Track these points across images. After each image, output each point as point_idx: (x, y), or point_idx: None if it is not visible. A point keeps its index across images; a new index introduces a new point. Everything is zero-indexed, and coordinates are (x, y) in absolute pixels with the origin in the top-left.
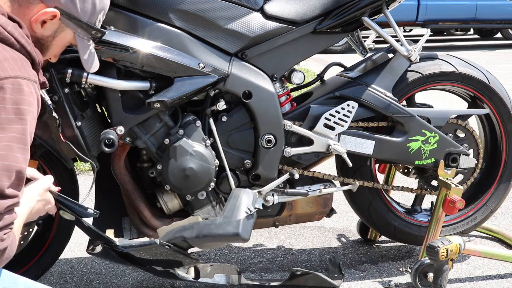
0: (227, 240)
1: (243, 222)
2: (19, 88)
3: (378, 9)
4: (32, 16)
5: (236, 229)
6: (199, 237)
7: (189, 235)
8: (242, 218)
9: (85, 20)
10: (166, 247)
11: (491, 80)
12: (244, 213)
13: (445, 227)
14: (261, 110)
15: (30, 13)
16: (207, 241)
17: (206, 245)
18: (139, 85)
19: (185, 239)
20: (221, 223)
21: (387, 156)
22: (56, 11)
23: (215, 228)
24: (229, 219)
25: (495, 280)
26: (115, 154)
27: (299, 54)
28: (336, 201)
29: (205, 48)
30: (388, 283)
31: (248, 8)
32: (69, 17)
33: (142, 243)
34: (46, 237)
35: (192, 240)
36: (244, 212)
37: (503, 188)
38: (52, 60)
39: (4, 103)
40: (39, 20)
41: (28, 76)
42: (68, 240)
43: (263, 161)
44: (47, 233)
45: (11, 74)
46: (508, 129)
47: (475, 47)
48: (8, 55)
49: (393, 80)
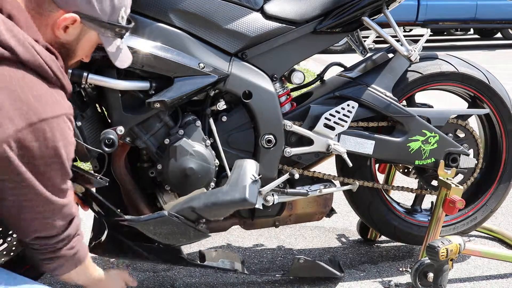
0: (235, 205)
1: (249, 188)
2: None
3: (378, 9)
4: (53, 23)
5: (243, 194)
6: (207, 205)
7: (197, 204)
8: (248, 184)
9: (106, 19)
10: (175, 218)
11: (491, 80)
12: (249, 179)
13: (445, 227)
14: (261, 110)
15: (51, 21)
16: (215, 209)
17: (215, 213)
18: (139, 85)
19: (193, 209)
20: (228, 190)
21: (387, 156)
22: (75, 15)
23: (222, 195)
24: (235, 186)
25: (495, 280)
26: (115, 154)
27: (299, 54)
28: (336, 201)
29: (205, 48)
30: (388, 283)
31: (248, 8)
32: (90, 19)
33: (151, 216)
34: None
35: (201, 209)
36: (249, 178)
37: (503, 188)
38: (85, 60)
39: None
40: (61, 26)
41: (64, 111)
42: None
43: (263, 161)
44: None
45: (50, 114)
46: (508, 129)
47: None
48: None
49: (393, 80)
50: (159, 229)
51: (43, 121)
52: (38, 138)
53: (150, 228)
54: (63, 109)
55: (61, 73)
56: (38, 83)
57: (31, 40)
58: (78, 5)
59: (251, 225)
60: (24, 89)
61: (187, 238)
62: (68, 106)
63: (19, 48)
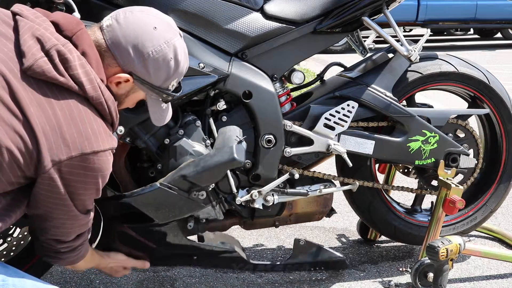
0: (225, 166)
1: (236, 147)
2: (105, 159)
3: (378, 9)
4: (109, 76)
5: (231, 154)
6: (198, 171)
7: (187, 172)
8: (234, 144)
9: (158, 85)
10: (167, 189)
11: (491, 80)
12: (234, 141)
13: (445, 227)
14: (261, 110)
15: (107, 73)
16: (206, 174)
17: (206, 178)
18: None
19: (184, 177)
20: (215, 153)
21: (387, 156)
22: (128, 77)
23: (211, 159)
24: (221, 149)
25: (495, 280)
26: (115, 154)
27: (299, 54)
28: (336, 201)
29: (205, 48)
30: (388, 283)
31: (248, 8)
32: (142, 82)
33: (143, 189)
34: None
35: (192, 176)
36: (234, 140)
37: (503, 188)
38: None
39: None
40: (114, 81)
41: (112, 146)
42: None
43: (263, 161)
44: None
45: (102, 148)
46: (508, 129)
47: (475, 47)
48: (102, 127)
49: (393, 80)
50: (153, 203)
51: (94, 153)
52: (86, 167)
53: (143, 202)
54: (111, 144)
55: (115, 114)
56: (97, 119)
57: (99, 80)
58: (135, 68)
59: (251, 225)
60: (84, 121)
61: (181, 210)
62: (115, 142)
63: (88, 86)
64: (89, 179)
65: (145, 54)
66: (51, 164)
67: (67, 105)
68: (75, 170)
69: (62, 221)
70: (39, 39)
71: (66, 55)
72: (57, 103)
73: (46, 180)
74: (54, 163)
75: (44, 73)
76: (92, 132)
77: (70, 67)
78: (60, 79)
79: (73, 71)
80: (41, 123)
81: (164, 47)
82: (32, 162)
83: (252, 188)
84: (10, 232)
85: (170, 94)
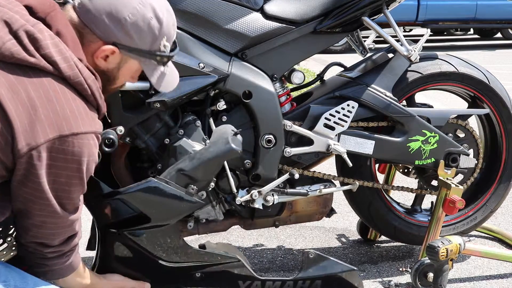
0: (223, 157)
1: (231, 138)
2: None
3: (378, 9)
4: (93, 52)
5: (228, 145)
6: (195, 165)
7: (184, 166)
8: (229, 136)
9: (147, 48)
10: (164, 183)
11: (491, 80)
12: (229, 133)
13: (445, 227)
14: (261, 110)
15: (91, 50)
16: (204, 166)
17: (204, 170)
18: (139, 85)
19: (182, 171)
20: (212, 146)
21: (387, 156)
22: (113, 47)
23: (207, 152)
24: (217, 141)
25: (495, 280)
26: (115, 154)
27: (299, 54)
28: (336, 201)
29: (205, 48)
30: (388, 283)
31: (248, 8)
32: (129, 49)
33: (138, 184)
34: None
35: (189, 170)
36: (229, 133)
37: (503, 188)
38: (132, 81)
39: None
40: (100, 56)
41: (95, 129)
42: None
43: (263, 161)
44: None
45: (82, 130)
46: (508, 129)
47: (475, 47)
48: (82, 108)
49: (393, 80)
50: (149, 199)
51: (73, 135)
52: (65, 151)
53: (140, 199)
54: (94, 127)
55: (98, 94)
56: (76, 99)
57: (75, 58)
58: (117, 36)
59: (251, 225)
60: (61, 102)
61: (179, 208)
62: (99, 125)
63: (63, 65)
64: (70, 164)
65: (121, 19)
66: (26, 148)
67: (42, 86)
68: (53, 154)
69: (42, 218)
70: (6, 22)
71: (35, 35)
72: (31, 85)
73: (23, 165)
74: (30, 147)
75: (13, 55)
76: (70, 113)
77: (41, 46)
78: (31, 60)
79: (45, 50)
80: (14, 106)
81: (140, 7)
82: (8, 148)
83: (252, 188)
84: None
85: (164, 56)
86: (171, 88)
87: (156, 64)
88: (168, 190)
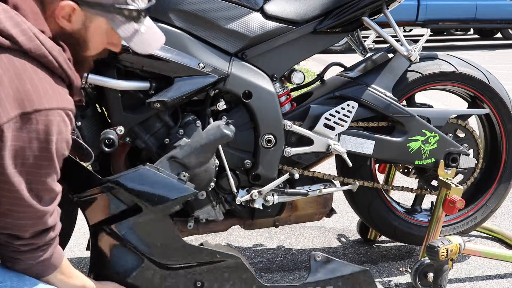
0: (216, 142)
1: (224, 126)
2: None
3: (378, 9)
4: (55, 14)
5: (219, 130)
6: (186, 152)
7: (177, 153)
8: (221, 123)
9: (110, 2)
10: (155, 170)
11: (491, 80)
12: (221, 122)
13: (445, 227)
14: (261, 110)
15: (53, 12)
16: (198, 153)
17: (196, 158)
18: (139, 85)
19: (173, 158)
20: (204, 133)
21: (387, 156)
22: (71, 3)
23: (201, 138)
24: (209, 128)
25: (495, 280)
26: (115, 154)
27: (299, 54)
28: (336, 201)
29: (205, 48)
30: (388, 283)
31: (248, 8)
32: (89, 5)
33: (129, 171)
34: None
35: (184, 158)
36: (221, 122)
37: (503, 188)
38: (115, 49)
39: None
40: (61, 16)
41: (63, 105)
42: (68, 240)
43: (263, 161)
44: None
45: (46, 106)
46: (508, 129)
47: (475, 47)
48: (47, 83)
49: (393, 80)
50: (139, 186)
51: (37, 112)
52: (30, 129)
53: (130, 186)
54: (62, 103)
55: (67, 65)
56: (39, 74)
57: (35, 30)
58: None
59: (251, 225)
60: (22, 77)
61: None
62: (68, 101)
63: (21, 38)
64: (36, 144)
65: None
66: None
67: (1, 63)
68: (17, 133)
69: (7, 206)
70: None
71: None
72: None
73: None
74: None
75: None
76: (32, 88)
77: None
78: None
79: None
80: None
81: None
82: None
83: (252, 188)
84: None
85: (133, 10)
86: (150, 49)
87: (126, 20)
88: (159, 177)
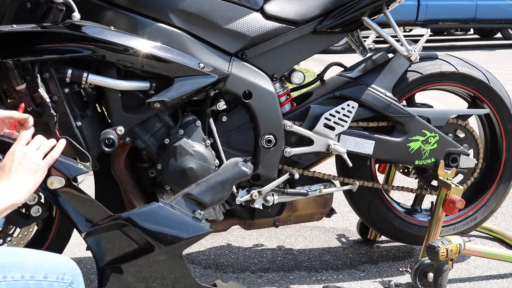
0: (234, 179)
1: (242, 163)
2: None
3: (378, 9)
4: None
5: (239, 168)
6: (202, 189)
7: (193, 191)
8: (239, 160)
9: None
10: (169, 207)
11: (491, 80)
12: (239, 159)
13: (445, 227)
14: (261, 110)
15: None
16: (214, 191)
17: (214, 195)
18: (139, 85)
19: (190, 196)
20: (221, 170)
21: (387, 156)
22: None
23: (219, 176)
24: (226, 166)
25: (495, 280)
26: (115, 154)
27: (299, 54)
28: (336, 201)
29: (205, 48)
30: (388, 283)
31: (248, 8)
32: None
33: (142, 207)
34: (46, 237)
35: (199, 195)
36: (239, 159)
37: (503, 188)
38: None
39: None
40: None
41: None
42: (68, 240)
43: (263, 161)
44: (47, 233)
45: None
46: (508, 129)
47: (475, 47)
48: None
49: (393, 80)
50: (152, 224)
51: None
52: None
53: (144, 223)
54: None
55: None
56: None
57: None
58: None
59: (251, 225)
60: None
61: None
62: None
63: None
64: None
65: None
66: None
67: None
68: None
69: None
70: None
71: None
72: None
73: None
74: None
75: None
76: None
77: None
78: None
79: None
80: None
81: None
82: None
83: (252, 188)
84: (10, 232)
85: None
86: None
87: None
88: (173, 215)
